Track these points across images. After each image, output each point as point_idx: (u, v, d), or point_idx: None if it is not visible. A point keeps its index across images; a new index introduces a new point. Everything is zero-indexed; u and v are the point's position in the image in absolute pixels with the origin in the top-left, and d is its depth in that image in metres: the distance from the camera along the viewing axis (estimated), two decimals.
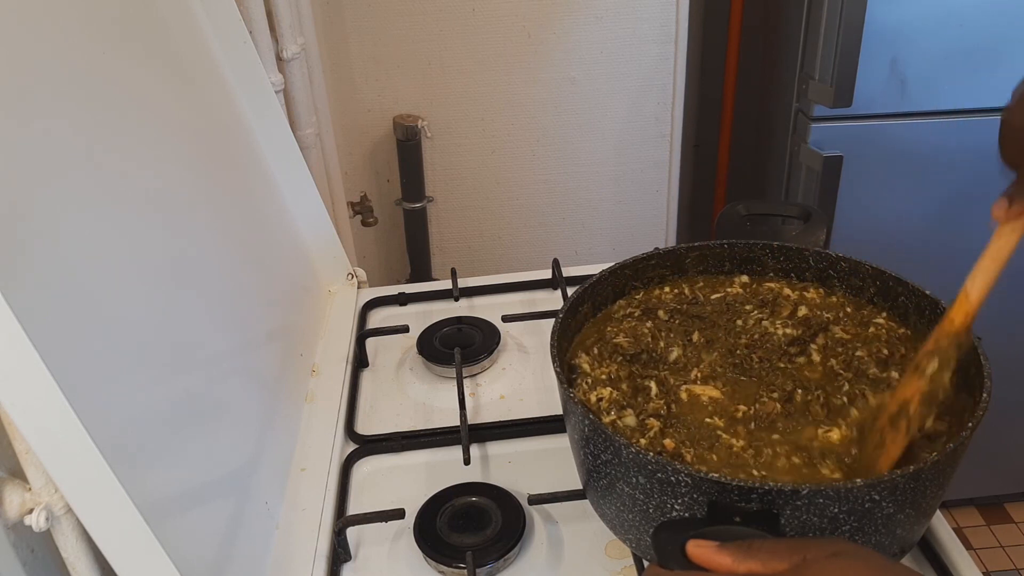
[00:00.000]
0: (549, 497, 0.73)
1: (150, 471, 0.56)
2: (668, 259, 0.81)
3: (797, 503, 0.53)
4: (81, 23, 0.64)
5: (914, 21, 1.39)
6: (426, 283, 1.16)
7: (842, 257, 0.78)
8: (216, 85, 0.91)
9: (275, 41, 1.16)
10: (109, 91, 0.66)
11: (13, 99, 0.53)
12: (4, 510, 0.49)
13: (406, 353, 0.98)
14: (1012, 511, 1.96)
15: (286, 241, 1.02)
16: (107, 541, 0.49)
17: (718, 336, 0.74)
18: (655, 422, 0.64)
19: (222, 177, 0.86)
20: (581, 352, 0.72)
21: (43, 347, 0.44)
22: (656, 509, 0.58)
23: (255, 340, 0.84)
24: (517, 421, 0.86)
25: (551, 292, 1.08)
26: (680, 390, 0.68)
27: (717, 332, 0.75)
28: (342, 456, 0.83)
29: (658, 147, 1.66)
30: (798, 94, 1.54)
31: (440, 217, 1.70)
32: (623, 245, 1.74)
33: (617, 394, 0.67)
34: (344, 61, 1.53)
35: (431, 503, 0.74)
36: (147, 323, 0.62)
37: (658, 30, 1.55)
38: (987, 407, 0.59)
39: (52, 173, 0.55)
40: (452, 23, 1.51)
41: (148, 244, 0.66)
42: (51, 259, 0.52)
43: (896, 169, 1.51)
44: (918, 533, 0.63)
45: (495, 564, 0.69)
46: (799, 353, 0.72)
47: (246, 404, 0.77)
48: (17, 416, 0.45)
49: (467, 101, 1.59)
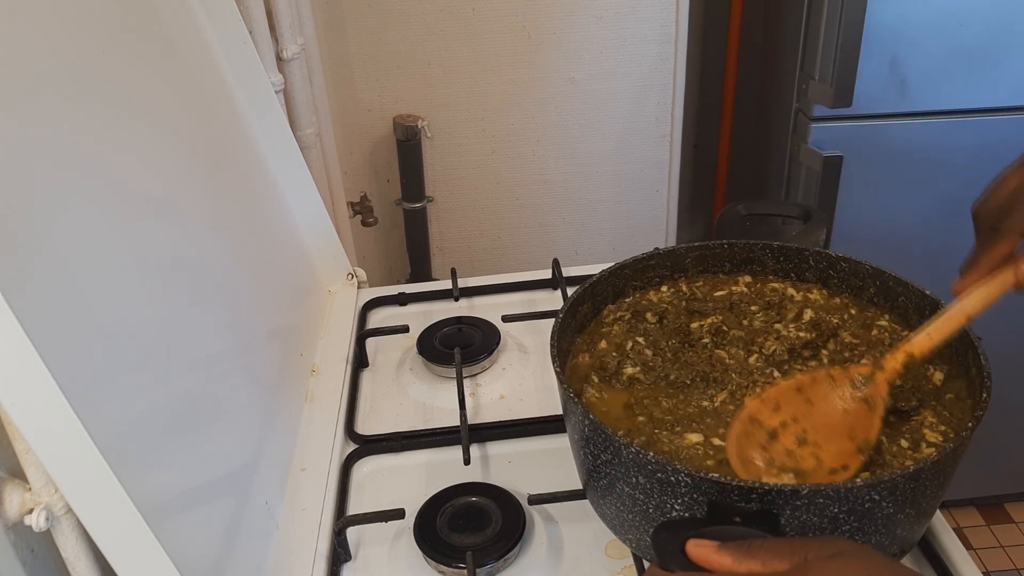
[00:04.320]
0: (549, 497, 0.73)
1: (150, 471, 0.56)
2: (668, 259, 0.81)
3: (797, 503, 0.53)
4: (81, 23, 0.64)
5: (914, 21, 1.39)
6: (426, 283, 1.16)
7: (842, 257, 0.78)
8: (216, 85, 0.91)
9: (275, 41, 1.16)
10: (109, 91, 0.66)
11: (13, 99, 0.53)
12: (4, 510, 0.49)
13: (406, 353, 0.98)
14: (1012, 511, 1.96)
15: (286, 241, 1.02)
16: (107, 541, 0.49)
17: (738, 337, 0.75)
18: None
19: (222, 177, 0.86)
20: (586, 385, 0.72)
21: (43, 347, 0.44)
22: (656, 509, 0.58)
23: (255, 340, 0.84)
24: (517, 421, 0.86)
25: (551, 292, 1.08)
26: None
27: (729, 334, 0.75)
28: (342, 456, 0.83)
29: (658, 147, 1.66)
30: (798, 94, 1.54)
31: (440, 217, 1.70)
32: (623, 245, 1.74)
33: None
34: (344, 61, 1.53)
35: (431, 503, 0.74)
36: (147, 323, 0.62)
37: (658, 30, 1.55)
38: (987, 407, 0.59)
39: (52, 173, 0.55)
40: (452, 23, 1.51)
41: (148, 244, 0.66)
42: (52, 259, 0.52)
43: (896, 169, 1.51)
44: (918, 533, 0.63)
45: (495, 564, 0.69)
46: (811, 357, 0.72)
47: (246, 404, 0.77)
48: (17, 416, 0.45)
49: (467, 101, 1.59)
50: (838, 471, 0.60)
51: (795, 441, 0.62)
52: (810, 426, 0.63)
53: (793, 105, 1.56)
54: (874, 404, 0.62)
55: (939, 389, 0.68)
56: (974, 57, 1.41)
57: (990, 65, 1.42)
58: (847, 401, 0.64)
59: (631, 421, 0.67)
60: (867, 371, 0.64)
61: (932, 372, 0.69)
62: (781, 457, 0.62)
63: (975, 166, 1.49)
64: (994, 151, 1.46)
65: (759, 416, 0.63)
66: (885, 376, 0.63)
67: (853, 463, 0.61)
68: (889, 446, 0.63)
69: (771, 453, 0.62)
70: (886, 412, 0.63)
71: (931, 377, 0.69)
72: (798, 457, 0.62)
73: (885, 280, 0.76)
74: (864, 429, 0.62)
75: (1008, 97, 1.45)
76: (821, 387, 0.65)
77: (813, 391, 0.65)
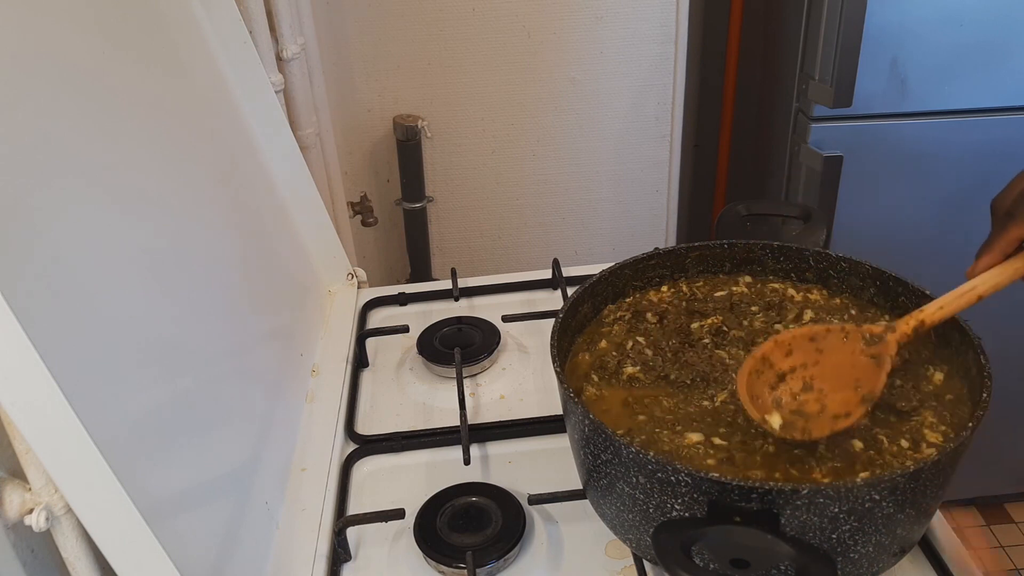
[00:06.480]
0: (549, 497, 0.73)
1: (150, 471, 0.56)
2: (668, 259, 0.81)
3: (797, 503, 0.53)
4: (81, 23, 0.64)
5: (914, 21, 1.39)
6: (426, 283, 1.16)
7: (842, 257, 0.78)
8: (216, 85, 0.91)
9: (275, 41, 1.16)
10: (109, 91, 0.66)
11: (13, 99, 0.53)
12: (4, 510, 0.49)
13: (406, 353, 0.98)
14: (1012, 511, 1.96)
15: (286, 241, 1.02)
16: (107, 541, 0.49)
17: (738, 337, 0.75)
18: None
19: (222, 177, 0.86)
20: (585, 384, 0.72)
21: (43, 347, 0.44)
22: (656, 509, 0.58)
23: (255, 340, 0.84)
24: (517, 421, 0.86)
25: (551, 292, 1.08)
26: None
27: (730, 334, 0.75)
28: (342, 456, 0.83)
29: (658, 147, 1.66)
30: (798, 94, 1.54)
31: (440, 217, 1.70)
32: (623, 245, 1.74)
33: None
34: (344, 61, 1.53)
35: (431, 503, 0.74)
36: (147, 323, 0.62)
37: (658, 30, 1.55)
38: (987, 407, 0.59)
39: (52, 173, 0.55)
40: (452, 23, 1.51)
41: (148, 244, 0.66)
42: (51, 259, 0.52)
43: (896, 169, 1.51)
44: (918, 533, 0.63)
45: (495, 564, 0.69)
46: None
47: (246, 404, 0.77)
48: (17, 416, 0.45)
49: (467, 101, 1.59)
50: (840, 417, 0.63)
51: (801, 386, 0.65)
52: (818, 373, 0.66)
53: (793, 105, 1.55)
54: (882, 361, 0.65)
55: (939, 389, 0.68)
56: (974, 57, 1.41)
57: (990, 65, 1.42)
58: (857, 355, 0.66)
59: (631, 420, 0.67)
60: (879, 330, 0.67)
61: (932, 372, 0.69)
62: (787, 399, 0.65)
63: (975, 166, 1.49)
64: (994, 151, 1.46)
65: (771, 357, 0.67)
66: (896, 336, 0.66)
67: (856, 412, 0.63)
68: (889, 446, 0.63)
69: (779, 392, 0.65)
70: (892, 371, 0.65)
71: (931, 377, 0.69)
72: (802, 401, 0.64)
73: (885, 280, 0.76)
74: (870, 381, 0.64)
75: (1008, 97, 1.45)
76: (833, 339, 0.67)
77: (825, 342, 0.67)
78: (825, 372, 0.66)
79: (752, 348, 0.73)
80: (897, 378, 0.69)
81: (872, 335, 0.66)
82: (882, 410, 0.66)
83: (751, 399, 0.64)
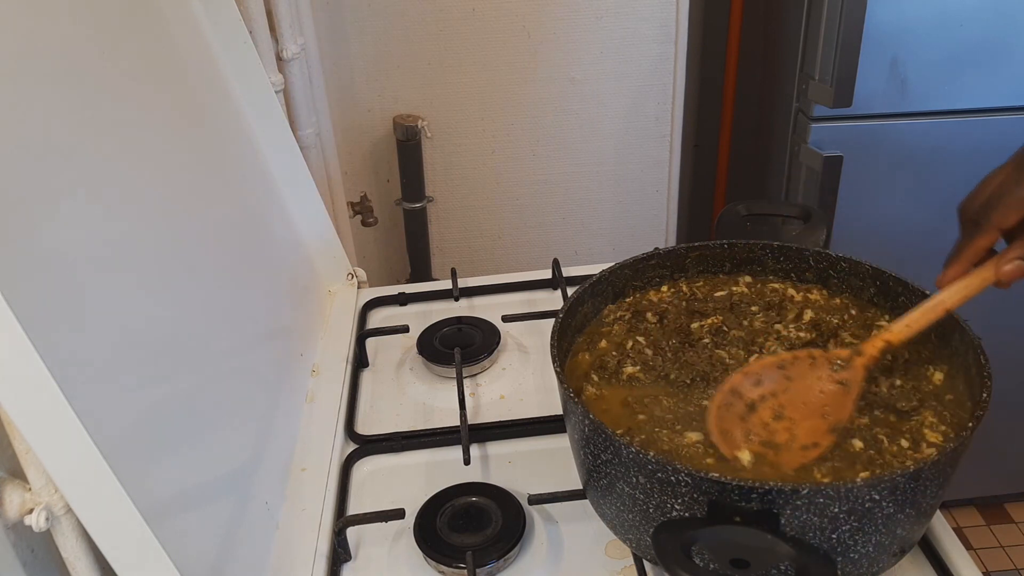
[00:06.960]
0: (549, 497, 0.73)
1: (150, 471, 0.56)
2: (668, 259, 0.81)
3: (797, 503, 0.53)
4: (80, 22, 0.64)
5: (914, 21, 1.39)
6: (426, 283, 1.16)
7: (842, 257, 0.78)
8: (216, 85, 0.91)
9: (275, 41, 1.16)
10: (108, 91, 0.66)
11: (12, 99, 0.53)
12: (4, 510, 0.49)
13: (406, 353, 0.98)
14: (1012, 511, 1.96)
15: (286, 241, 1.02)
16: (107, 541, 0.49)
17: (738, 337, 0.75)
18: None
19: (222, 177, 0.86)
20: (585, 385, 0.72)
21: (43, 347, 0.44)
22: (656, 509, 0.58)
23: (255, 340, 0.84)
24: (517, 421, 0.86)
25: (551, 292, 1.08)
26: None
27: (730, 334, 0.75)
28: (342, 456, 0.83)
29: (658, 147, 1.66)
30: (798, 94, 1.54)
31: (440, 217, 1.70)
32: (623, 245, 1.74)
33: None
34: (344, 61, 1.53)
35: (431, 503, 0.74)
36: (147, 323, 0.62)
37: (658, 30, 1.55)
38: (987, 407, 0.59)
39: (52, 173, 0.55)
40: (452, 23, 1.51)
41: (148, 244, 0.66)
42: (51, 259, 0.52)
43: (896, 169, 1.51)
44: (918, 533, 0.63)
45: (495, 564, 0.69)
46: None
47: (246, 404, 0.77)
48: (17, 416, 0.45)
49: (467, 101, 1.59)
50: (809, 448, 0.62)
51: (772, 415, 0.64)
52: (787, 401, 0.65)
53: (793, 105, 1.55)
54: (850, 387, 0.65)
55: (939, 389, 0.68)
56: (974, 57, 1.41)
57: (990, 65, 1.42)
58: (824, 382, 0.66)
59: (631, 419, 0.67)
60: (846, 355, 0.66)
61: (932, 372, 0.69)
62: (757, 429, 0.64)
63: (975, 166, 1.47)
64: (994, 151, 1.45)
65: (740, 388, 0.66)
66: (863, 361, 0.66)
67: (824, 441, 0.62)
68: (889, 446, 0.63)
69: (748, 424, 0.64)
70: (860, 396, 0.65)
71: (931, 377, 0.69)
72: (773, 430, 0.63)
73: (885, 280, 0.76)
74: (837, 409, 0.64)
75: (1008, 97, 1.45)
76: (801, 366, 0.67)
77: (794, 369, 0.67)
78: (794, 400, 0.65)
79: (751, 348, 0.73)
80: (897, 378, 0.69)
81: (840, 360, 0.66)
82: (882, 410, 0.66)
83: (721, 435, 0.63)
